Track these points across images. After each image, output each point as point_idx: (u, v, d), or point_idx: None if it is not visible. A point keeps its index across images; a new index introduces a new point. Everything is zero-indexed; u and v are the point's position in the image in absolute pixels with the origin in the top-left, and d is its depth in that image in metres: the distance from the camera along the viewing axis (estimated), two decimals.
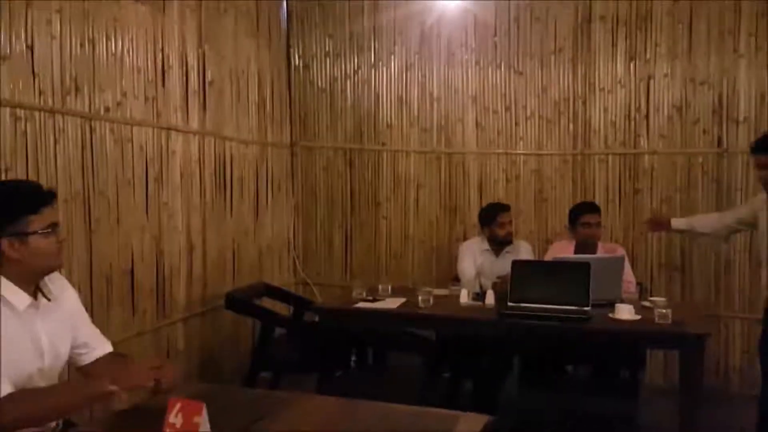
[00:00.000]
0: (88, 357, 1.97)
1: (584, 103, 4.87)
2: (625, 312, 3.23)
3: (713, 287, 4.59)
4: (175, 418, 1.42)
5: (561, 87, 4.90)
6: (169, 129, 3.82)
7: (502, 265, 4.09)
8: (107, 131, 3.33)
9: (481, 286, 3.91)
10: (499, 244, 4.17)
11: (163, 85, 3.78)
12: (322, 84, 5.29)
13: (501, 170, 5.02)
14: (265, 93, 4.97)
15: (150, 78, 3.66)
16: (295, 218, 5.33)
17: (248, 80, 4.72)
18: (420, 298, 3.57)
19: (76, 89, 3.12)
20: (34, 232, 1.77)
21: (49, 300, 1.88)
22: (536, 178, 4.97)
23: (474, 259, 4.20)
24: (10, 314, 1.73)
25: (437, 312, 3.47)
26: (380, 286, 3.92)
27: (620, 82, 4.78)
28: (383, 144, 5.19)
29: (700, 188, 4.63)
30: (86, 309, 2.09)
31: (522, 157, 4.99)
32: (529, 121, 4.98)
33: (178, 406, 1.43)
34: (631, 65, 4.75)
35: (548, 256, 4.13)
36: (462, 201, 5.10)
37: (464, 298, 3.70)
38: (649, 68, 4.70)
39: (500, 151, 5.02)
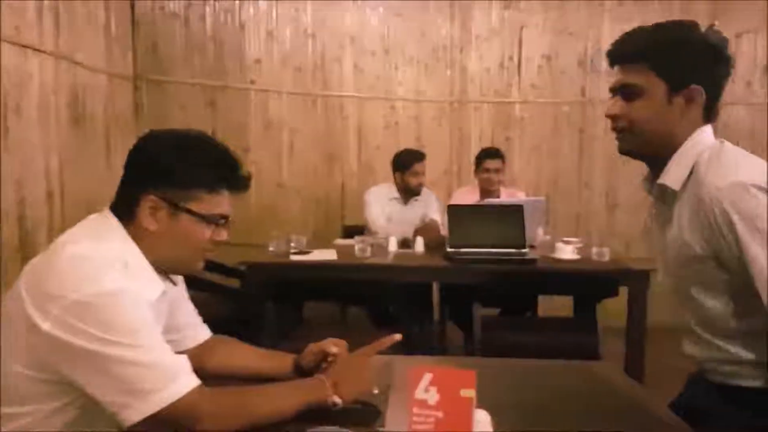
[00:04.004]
0: (185, 343, 1.38)
1: (461, 50, 4.84)
2: (566, 252, 3.28)
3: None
4: (425, 393, 1.01)
5: (439, 32, 4.81)
6: (26, 47, 2.92)
7: (412, 214, 3.95)
8: None
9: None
10: (408, 193, 3.97)
11: None
12: (174, 7, 4.49)
13: (380, 116, 4.80)
14: (110, 14, 4.05)
15: None
16: None
17: None
18: (357, 247, 3.25)
19: None
20: (192, 211, 1.18)
21: (175, 284, 1.31)
22: (415, 125, 4.84)
23: (381, 207, 3.95)
24: (138, 303, 1.12)
25: (392, 262, 3.20)
26: (293, 238, 3.48)
27: (495, 30, 4.83)
28: (251, 82, 4.61)
29: (565, 136, 4.92)
30: None
31: (401, 103, 4.82)
32: (408, 66, 4.81)
33: (428, 377, 1.01)
34: (506, 14, 4.82)
35: (452, 203, 4.05)
36: (340, 148, 4.78)
37: (393, 246, 3.47)
38: (523, 17, 4.82)
39: (380, 96, 4.78)
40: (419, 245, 3.48)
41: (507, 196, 4.08)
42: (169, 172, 1.17)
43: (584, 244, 3.46)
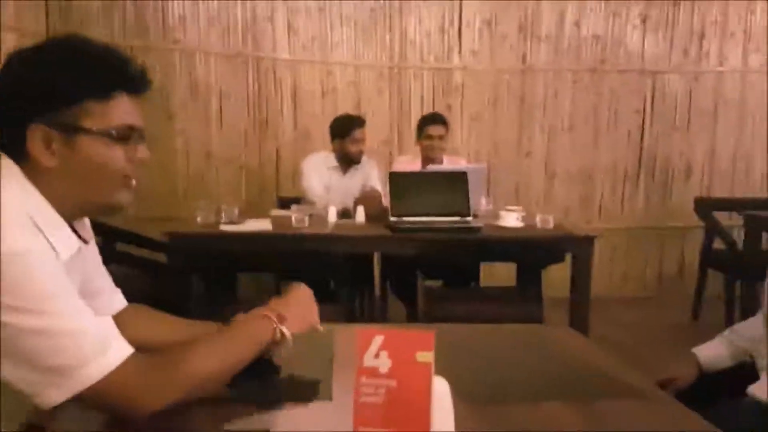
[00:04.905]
0: (99, 312, 1.10)
1: (400, 12, 4.64)
2: (511, 220, 3.17)
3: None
4: (375, 359, 0.83)
5: None
6: None
7: (351, 183, 3.76)
8: None
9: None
10: (348, 162, 3.76)
11: None
12: None
13: (317, 81, 4.55)
14: None
15: None
16: None
17: None
18: (294, 217, 3.03)
19: None
20: (88, 130, 0.94)
21: (86, 243, 1.06)
22: (354, 90, 4.62)
23: (319, 176, 3.73)
24: (51, 263, 0.89)
25: (331, 232, 3.00)
26: (224, 208, 3.23)
27: None
28: (175, 42, 4.28)
29: (506, 104, 4.81)
30: None
31: (338, 67, 4.58)
32: (344, 27, 4.57)
33: (379, 340, 0.83)
34: None
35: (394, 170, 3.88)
36: (274, 113, 4.52)
37: (332, 216, 3.28)
38: None
39: (315, 59, 4.53)
40: (360, 215, 3.30)
41: (450, 164, 3.93)
42: (47, 89, 0.93)
43: (526, 213, 3.36)
